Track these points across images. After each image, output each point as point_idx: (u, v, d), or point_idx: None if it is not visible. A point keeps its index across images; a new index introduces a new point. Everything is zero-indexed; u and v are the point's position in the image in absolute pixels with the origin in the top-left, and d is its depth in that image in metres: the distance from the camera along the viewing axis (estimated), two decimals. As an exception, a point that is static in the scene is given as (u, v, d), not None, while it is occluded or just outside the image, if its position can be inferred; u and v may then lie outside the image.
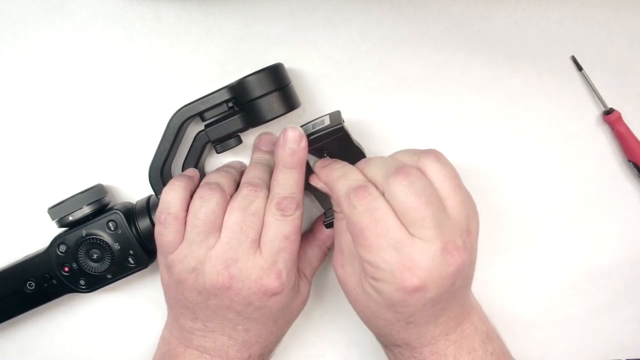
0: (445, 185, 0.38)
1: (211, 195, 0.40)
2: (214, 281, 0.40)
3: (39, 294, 0.45)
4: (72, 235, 0.44)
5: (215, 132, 0.44)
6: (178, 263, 0.41)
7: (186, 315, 0.43)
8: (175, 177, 0.43)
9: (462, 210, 0.38)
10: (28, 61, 0.46)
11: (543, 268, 0.51)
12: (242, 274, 0.40)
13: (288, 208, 0.40)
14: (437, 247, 0.36)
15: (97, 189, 0.46)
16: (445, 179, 0.38)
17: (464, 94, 0.48)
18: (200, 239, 0.40)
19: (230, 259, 0.40)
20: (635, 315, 0.52)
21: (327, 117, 0.44)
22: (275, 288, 0.40)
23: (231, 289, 0.40)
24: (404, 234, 0.36)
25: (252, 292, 0.40)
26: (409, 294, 0.37)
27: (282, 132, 0.41)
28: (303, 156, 0.41)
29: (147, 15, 0.45)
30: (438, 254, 0.36)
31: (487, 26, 0.46)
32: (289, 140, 0.40)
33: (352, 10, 0.46)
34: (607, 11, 0.46)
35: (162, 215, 0.41)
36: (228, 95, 0.43)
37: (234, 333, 0.42)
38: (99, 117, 0.47)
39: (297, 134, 0.40)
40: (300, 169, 0.41)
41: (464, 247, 0.37)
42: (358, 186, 0.38)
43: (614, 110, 0.47)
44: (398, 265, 0.36)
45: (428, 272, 0.36)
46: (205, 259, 0.40)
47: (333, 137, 0.42)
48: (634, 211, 0.50)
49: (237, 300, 0.40)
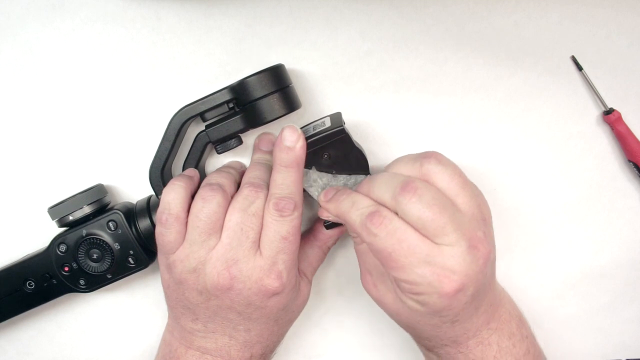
0: (452, 185, 0.39)
1: (212, 196, 0.40)
2: (215, 282, 0.40)
3: (38, 294, 0.45)
4: (72, 235, 0.44)
5: (216, 133, 0.44)
6: (179, 263, 0.41)
7: (187, 316, 0.43)
8: (176, 177, 0.43)
9: (473, 203, 0.39)
10: (28, 61, 0.46)
11: (543, 268, 0.51)
12: (242, 275, 0.40)
13: (286, 209, 0.40)
14: (464, 247, 0.37)
15: (97, 189, 0.46)
16: (451, 179, 0.39)
17: (464, 94, 0.48)
18: (201, 240, 0.40)
19: (231, 259, 0.40)
20: (635, 315, 0.52)
21: (327, 118, 0.44)
22: (275, 288, 0.40)
23: (232, 289, 0.40)
24: (429, 246, 0.37)
25: (252, 292, 0.40)
26: (451, 298, 0.37)
27: (280, 131, 0.41)
28: (301, 155, 0.41)
29: (147, 15, 0.45)
30: (466, 253, 0.37)
31: (487, 26, 0.46)
32: (286, 139, 0.40)
33: (352, 10, 0.46)
34: (607, 11, 0.46)
35: (163, 215, 0.41)
36: (229, 96, 0.43)
37: (235, 333, 0.42)
38: (99, 117, 0.47)
39: (294, 132, 0.40)
40: (298, 168, 0.41)
41: (485, 237, 0.38)
42: (371, 213, 0.38)
43: (614, 110, 0.47)
44: (434, 276, 0.37)
45: (463, 273, 0.37)
46: (206, 260, 0.40)
47: (334, 139, 0.42)
48: (634, 211, 0.50)
49: (237, 301, 0.41)
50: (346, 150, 0.43)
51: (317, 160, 0.43)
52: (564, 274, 0.51)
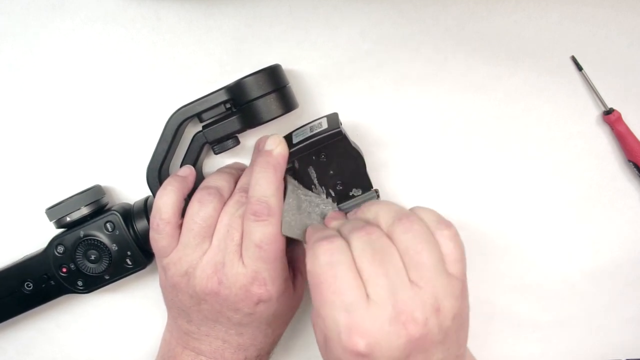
0: (450, 256, 0.35)
1: (209, 201, 0.40)
2: (204, 286, 0.40)
3: (36, 295, 0.45)
4: (70, 236, 0.44)
5: (213, 133, 0.44)
6: (172, 266, 0.41)
7: (182, 317, 0.43)
8: (168, 179, 0.42)
9: (442, 292, 0.34)
10: (28, 61, 0.45)
11: (543, 268, 0.51)
12: (228, 280, 0.39)
13: (260, 212, 0.39)
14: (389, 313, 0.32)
15: (95, 190, 0.45)
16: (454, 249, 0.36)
17: (464, 94, 0.48)
18: (195, 243, 0.40)
19: (218, 262, 0.40)
20: (635, 315, 0.52)
21: (324, 119, 0.43)
22: (261, 295, 0.40)
23: (219, 294, 0.40)
24: (358, 296, 0.33)
25: (239, 299, 0.40)
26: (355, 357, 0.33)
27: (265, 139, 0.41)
28: (277, 159, 0.40)
29: (147, 15, 0.45)
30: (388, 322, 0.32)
31: (487, 26, 0.46)
32: (266, 143, 0.41)
33: (352, 10, 0.46)
34: (607, 11, 0.46)
35: (155, 221, 0.41)
36: (226, 96, 0.43)
37: (227, 337, 0.42)
38: (98, 117, 0.47)
39: (275, 139, 0.41)
40: (275, 171, 0.40)
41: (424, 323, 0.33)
42: (326, 236, 0.35)
43: (614, 110, 0.47)
44: (345, 328, 0.33)
45: (374, 339, 0.32)
46: (197, 264, 0.40)
47: (331, 141, 0.42)
48: (634, 211, 0.50)
49: (226, 306, 0.40)
50: (343, 151, 0.43)
51: (314, 160, 0.43)
52: (563, 274, 0.51)
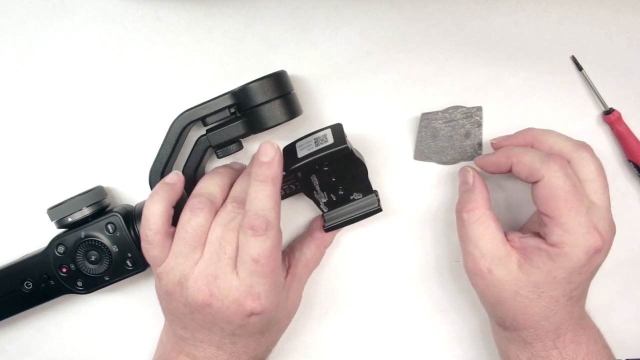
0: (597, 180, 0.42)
1: (200, 209, 0.40)
2: (196, 297, 0.40)
3: (36, 294, 0.45)
4: (70, 236, 0.44)
5: (216, 137, 0.44)
6: (165, 275, 0.41)
7: (177, 324, 0.43)
8: (156, 187, 0.42)
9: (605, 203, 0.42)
10: (28, 61, 0.45)
11: (543, 268, 0.51)
12: (221, 293, 0.39)
13: (258, 227, 0.38)
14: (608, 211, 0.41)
15: (97, 191, 0.45)
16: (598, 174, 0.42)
17: (464, 94, 0.48)
18: (186, 252, 0.40)
19: (210, 275, 0.39)
20: (635, 315, 0.52)
21: (329, 131, 0.43)
22: (253, 309, 0.40)
23: (211, 306, 0.40)
24: (589, 200, 0.40)
25: (231, 311, 0.40)
26: (591, 257, 0.39)
27: (259, 146, 0.40)
28: (276, 171, 0.39)
29: (147, 15, 0.45)
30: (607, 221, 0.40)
31: (487, 26, 0.46)
32: (262, 154, 0.39)
33: (352, 10, 0.46)
34: (607, 11, 0.46)
35: (144, 231, 0.40)
36: (230, 101, 0.43)
37: (221, 345, 0.42)
38: (100, 118, 0.47)
39: (271, 148, 0.39)
40: (273, 184, 0.39)
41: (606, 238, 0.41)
42: (551, 154, 0.41)
43: (614, 110, 0.47)
44: (588, 229, 0.39)
45: (608, 234, 0.40)
46: (189, 274, 0.40)
47: (337, 156, 0.41)
48: (634, 211, 0.50)
49: (219, 317, 0.40)
50: (347, 162, 0.43)
51: (317, 169, 0.43)
52: (564, 274, 0.51)
